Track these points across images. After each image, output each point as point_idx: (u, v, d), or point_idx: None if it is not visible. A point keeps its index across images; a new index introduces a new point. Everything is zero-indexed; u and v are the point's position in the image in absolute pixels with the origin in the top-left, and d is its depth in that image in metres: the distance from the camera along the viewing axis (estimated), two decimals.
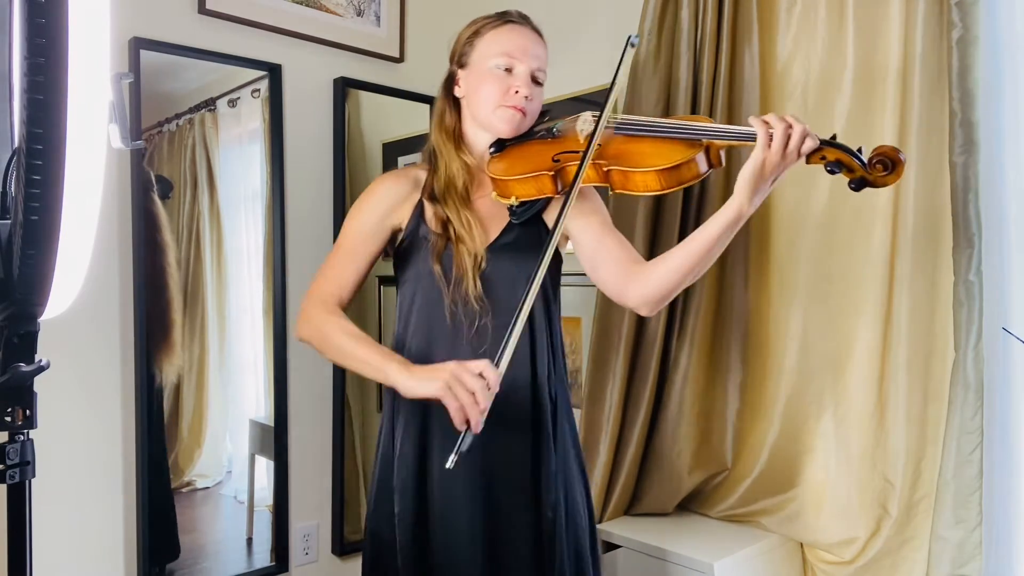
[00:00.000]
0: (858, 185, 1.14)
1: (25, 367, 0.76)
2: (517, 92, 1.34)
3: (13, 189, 0.75)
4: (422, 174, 1.41)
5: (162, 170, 1.87)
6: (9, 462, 0.78)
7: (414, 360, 1.29)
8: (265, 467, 2.07)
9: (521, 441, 1.31)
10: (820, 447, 1.73)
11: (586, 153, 1.22)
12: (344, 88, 2.17)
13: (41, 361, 0.78)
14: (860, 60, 1.65)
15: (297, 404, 2.10)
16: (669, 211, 1.86)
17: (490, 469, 1.29)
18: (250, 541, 2.04)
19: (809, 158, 1.15)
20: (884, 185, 1.14)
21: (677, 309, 1.87)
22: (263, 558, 2.05)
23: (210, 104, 1.96)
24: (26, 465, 0.79)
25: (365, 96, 2.24)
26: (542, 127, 1.39)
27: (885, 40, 1.61)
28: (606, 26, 2.10)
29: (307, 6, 2.11)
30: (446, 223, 1.32)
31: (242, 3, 1.98)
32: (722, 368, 1.88)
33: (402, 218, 1.37)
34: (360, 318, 2.24)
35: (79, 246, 0.77)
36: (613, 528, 1.82)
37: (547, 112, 1.43)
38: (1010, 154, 1.51)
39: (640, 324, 1.89)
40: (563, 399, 1.38)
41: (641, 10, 1.91)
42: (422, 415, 1.31)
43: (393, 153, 2.31)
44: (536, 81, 1.37)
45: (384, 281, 2.23)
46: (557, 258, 1.40)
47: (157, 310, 1.85)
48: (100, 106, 0.77)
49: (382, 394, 1.41)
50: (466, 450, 1.07)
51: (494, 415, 1.14)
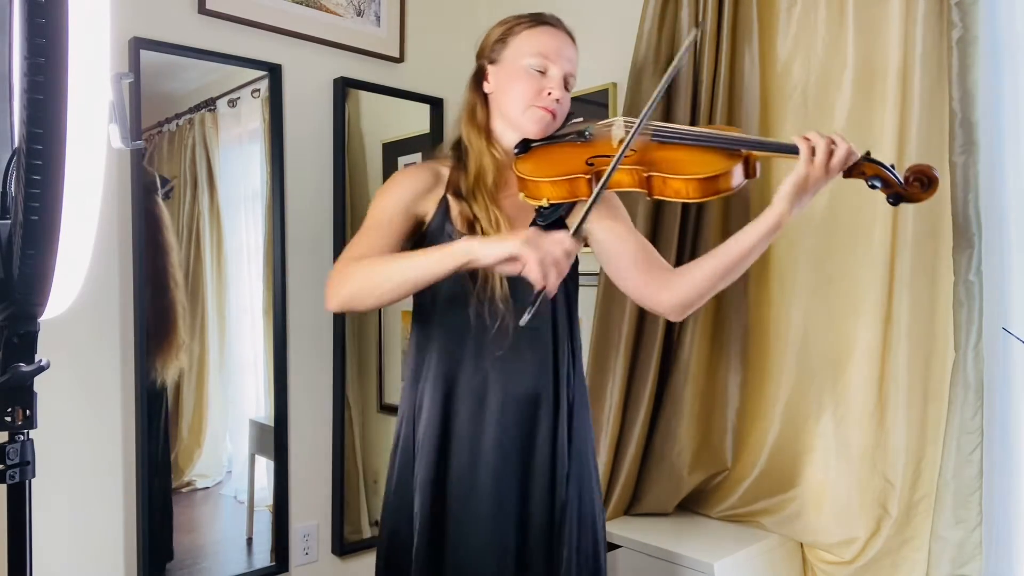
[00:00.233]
0: (896, 200, 1.20)
1: (25, 367, 0.76)
2: (550, 94, 1.33)
3: (13, 189, 0.75)
4: (444, 170, 1.38)
5: (162, 170, 1.87)
6: (9, 462, 0.78)
7: (436, 362, 1.30)
8: (265, 467, 2.07)
9: (541, 443, 1.31)
10: (820, 447, 1.73)
11: (619, 156, 1.20)
12: (344, 88, 2.17)
13: (41, 361, 0.78)
14: (860, 60, 1.65)
15: (297, 404, 2.10)
16: (669, 212, 1.86)
17: (510, 470, 1.29)
18: (250, 541, 2.04)
19: (850, 173, 1.20)
20: (920, 200, 1.20)
21: None
22: (263, 558, 2.05)
23: (210, 104, 1.96)
24: (26, 465, 0.79)
25: (365, 96, 2.24)
26: (572, 130, 1.37)
27: (885, 40, 1.61)
28: (606, 26, 2.10)
29: (307, 6, 2.11)
30: (472, 222, 1.30)
31: (242, 3, 1.98)
32: (722, 368, 1.88)
33: (427, 209, 1.34)
34: (360, 319, 2.24)
35: (79, 246, 0.77)
36: (613, 528, 1.82)
37: (572, 114, 1.42)
38: (1010, 154, 1.51)
39: (640, 324, 1.89)
40: (581, 399, 1.38)
41: (641, 10, 1.91)
42: (444, 414, 1.31)
43: (393, 153, 2.31)
44: (566, 85, 1.36)
45: None
46: (575, 258, 1.40)
47: (159, 310, 1.85)
48: (100, 106, 0.77)
49: (402, 393, 1.39)
50: (537, 308, 1.08)
51: (516, 416, 1.19)
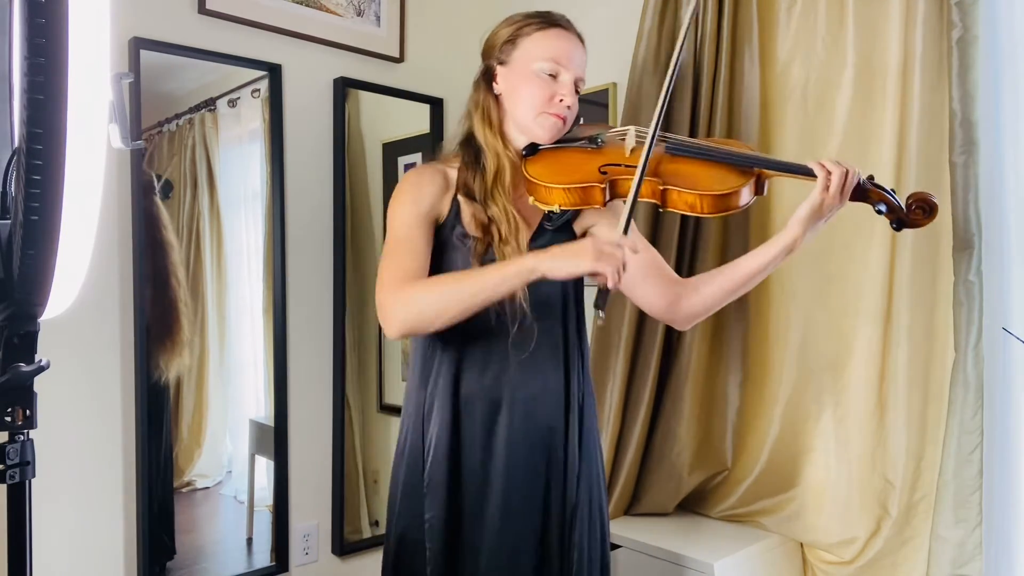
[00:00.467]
0: (899, 226, 1.24)
1: (25, 367, 0.76)
2: (562, 100, 1.30)
3: (13, 189, 0.75)
4: (451, 171, 1.36)
5: (162, 170, 1.87)
6: (9, 462, 0.78)
7: (447, 362, 1.29)
8: (265, 467, 2.07)
9: (554, 442, 1.31)
10: (820, 447, 1.73)
11: (643, 169, 1.21)
12: (344, 88, 2.17)
13: (41, 361, 0.78)
14: (860, 60, 1.65)
15: (297, 404, 2.10)
16: (669, 220, 1.86)
17: (520, 470, 1.29)
18: (250, 541, 2.04)
19: (856, 198, 1.23)
20: (922, 226, 1.24)
21: None
22: (263, 558, 2.05)
23: (210, 104, 1.96)
24: (26, 465, 0.79)
25: (365, 96, 2.24)
26: (582, 135, 1.36)
27: (885, 40, 1.61)
28: (606, 26, 2.10)
29: (307, 6, 2.11)
30: (488, 225, 1.29)
31: (242, 3, 1.98)
32: (722, 368, 1.88)
33: (442, 210, 1.32)
34: (360, 318, 2.24)
35: (79, 246, 0.77)
36: (613, 528, 1.82)
37: (579, 118, 1.41)
38: (1010, 154, 1.51)
39: (640, 324, 1.89)
40: (589, 402, 1.38)
41: (641, 10, 1.91)
42: (456, 417, 1.29)
43: (393, 153, 2.31)
44: (577, 89, 1.34)
45: None
46: None
47: (160, 311, 1.85)
48: (100, 106, 0.77)
49: (407, 394, 1.37)
50: (604, 306, 1.12)
51: (528, 416, 1.21)
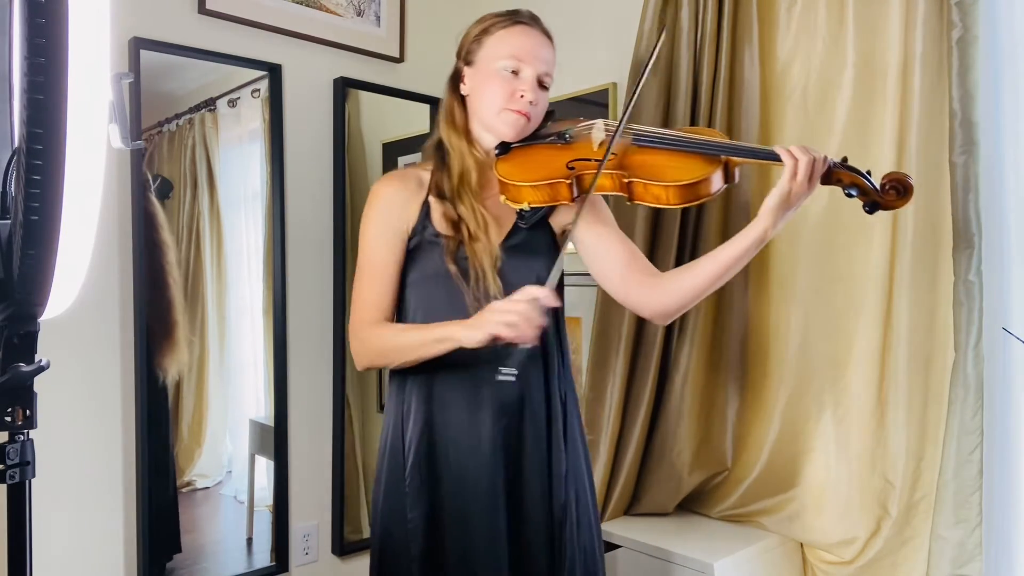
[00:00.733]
0: (872, 208, 1.20)
1: (25, 367, 0.76)
2: (522, 96, 1.31)
3: (13, 189, 0.75)
4: (425, 174, 1.38)
5: (162, 170, 1.87)
6: (9, 462, 0.78)
7: (430, 362, 1.29)
8: (265, 467, 2.07)
9: (535, 441, 1.31)
10: (820, 447, 1.73)
11: (602, 163, 1.21)
12: (344, 88, 2.17)
13: (41, 361, 0.78)
14: (860, 60, 1.65)
15: (297, 404, 2.10)
16: (669, 215, 1.86)
17: (504, 470, 1.29)
18: (250, 541, 2.04)
19: (827, 180, 1.20)
20: (895, 208, 1.20)
21: None
22: (263, 558, 2.05)
23: (210, 104, 1.96)
24: (26, 465, 0.79)
25: (365, 96, 2.24)
26: (551, 132, 1.37)
27: (885, 40, 1.61)
28: (606, 26, 2.10)
29: (307, 6, 2.11)
30: (457, 222, 1.30)
31: (242, 3, 1.98)
32: (722, 368, 1.88)
33: (411, 219, 1.34)
34: None
35: (79, 246, 0.77)
36: (613, 528, 1.82)
37: (552, 113, 1.42)
38: (1010, 154, 1.51)
39: (640, 324, 1.89)
40: (572, 399, 1.38)
41: (641, 10, 1.91)
42: (432, 416, 1.30)
43: (393, 153, 2.31)
44: (542, 85, 1.35)
45: None
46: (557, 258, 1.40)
47: (158, 310, 1.85)
48: (100, 106, 0.77)
49: (389, 394, 1.39)
50: (522, 363, 1.14)
51: (508, 415, 1.19)
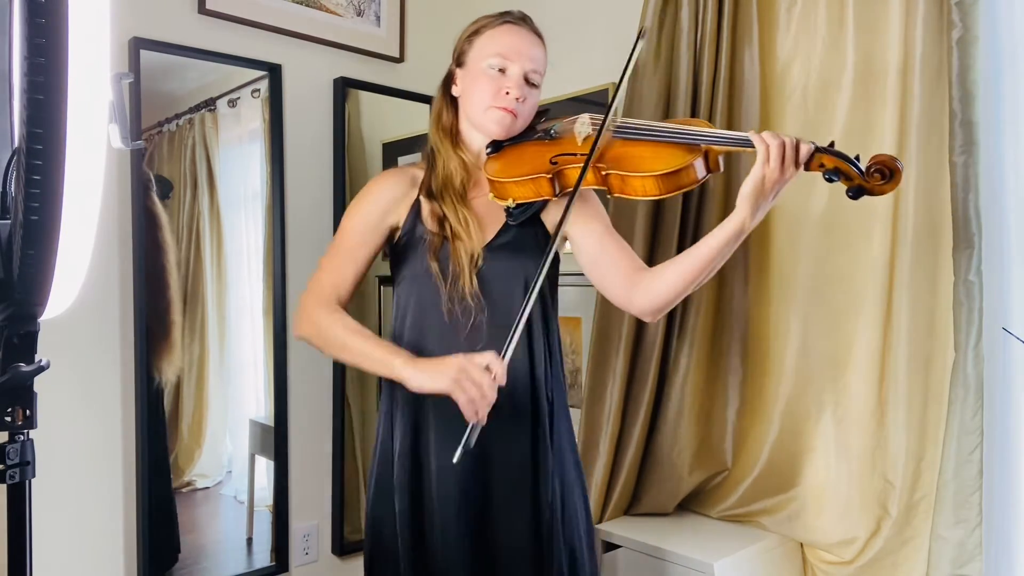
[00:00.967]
0: (856, 193, 1.14)
1: (25, 367, 0.76)
2: (508, 93, 1.32)
3: (13, 189, 0.75)
4: (420, 173, 1.40)
5: (162, 170, 1.87)
6: (9, 462, 0.78)
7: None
8: (265, 467, 2.07)
9: (519, 441, 1.31)
10: (820, 447, 1.73)
11: (589, 156, 1.21)
12: (344, 88, 2.17)
13: (41, 361, 0.78)
14: (860, 60, 1.65)
15: (297, 404, 2.11)
16: (669, 214, 1.86)
17: (489, 469, 1.29)
18: (250, 541, 2.04)
19: (808, 166, 1.16)
20: (882, 193, 1.14)
21: (677, 309, 1.87)
22: (263, 558, 2.05)
23: (210, 104, 1.96)
24: (26, 465, 0.79)
25: (365, 96, 2.24)
26: (540, 128, 1.38)
27: (885, 40, 1.61)
28: (605, 26, 2.10)
29: (307, 6, 2.11)
30: (443, 220, 1.32)
31: (242, 3, 1.98)
32: (722, 368, 1.88)
33: (399, 217, 1.36)
34: (360, 318, 2.23)
35: (79, 246, 0.77)
36: (613, 528, 1.82)
37: (546, 111, 1.42)
38: (1010, 154, 1.51)
39: (640, 324, 1.89)
40: (560, 400, 1.38)
41: (641, 10, 1.91)
42: (417, 412, 1.31)
43: (393, 153, 2.31)
44: (530, 83, 1.35)
45: (384, 281, 2.23)
46: (555, 258, 1.40)
47: (157, 310, 1.85)
48: (100, 106, 0.77)
49: (380, 392, 1.41)
50: (473, 444, 1.09)
51: (494, 415, 1.16)
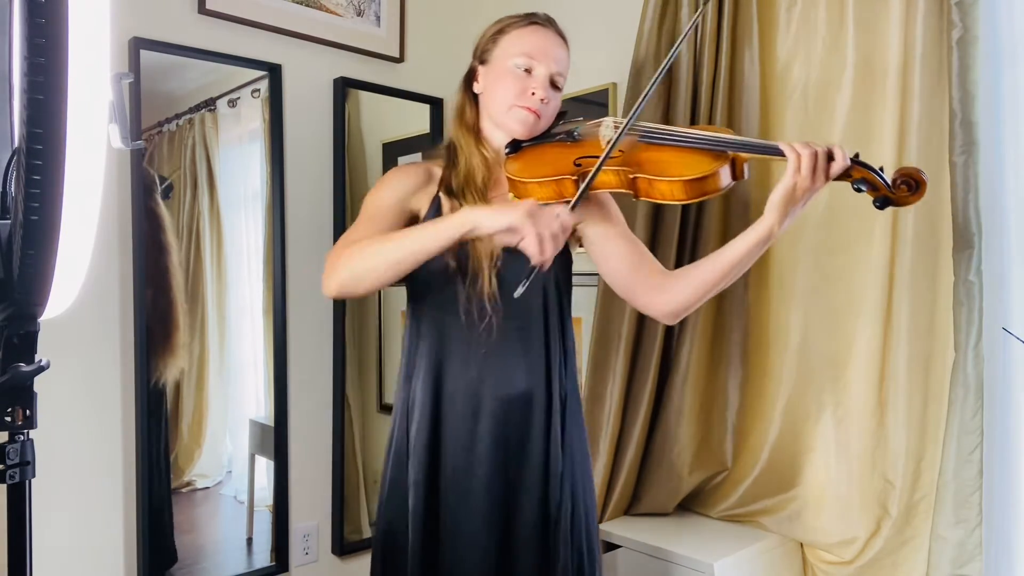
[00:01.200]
0: (882, 204, 1.17)
1: (25, 367, 0.76)
2: (534, 94, 1.32)
3: (13, 189, 0.75)
4: (437, 170, 1.39)
5: (162, 170, 1.87)
6: (9, 462, 0.78)
7: (426, 359, 1.30)
8: (265, 467, 2.07)
9: (534, 441, 1.31)
10: (820, 447, 1.73)
11: (604, 157, 1.21)
12: (344, 88, 2.17)
13: (41, 361, 0.78)
14: (860, 60, 1.65)
15: (297, 404, 2.10)
16: (669, 215, 1.86)
17: (503, 468, 1.30)
18: (250, 541, 2.04)
19: (837, 176, 1.18)
20: (908, 204, 1.18)
21: None
22: (263, 558, 2.05)
23: (210, 104, 1.96)
24: (26, 465, 0.79)
25: (365, 96, 2.24)
26: (561, 130, 1.37)
27: (885, 40, 1.61)
28: (606, 26, 2.10)
29: (307, 6, 2.11)
30: None
31: (242, 3, 1.98)
32: (722, 368, 1.88)
33: (420, 206, 1.35)
34: (360, 318, 2.24)
35: (79, 246, 0.77)
36: (613, 528, 1.82)
37: (564, 113, 1.42)
38: (1010, 154, 1.51)
39: (640, 324, 1.89)
40: (574, 400, 1.38)
41: (641, 10, 1.91)
42: (435, 410, 1.31)
43: (393, 153, 2.31)
44: (555, 85, 1.36)
45: None
46: (567, 258, 1.40)
47: (160, 311, 1.85)
48: (100, 106, 0.77)
49: (395, 390, 1.40)
50: (531, 282, 1.11)
51: (508, 414, 1.20)
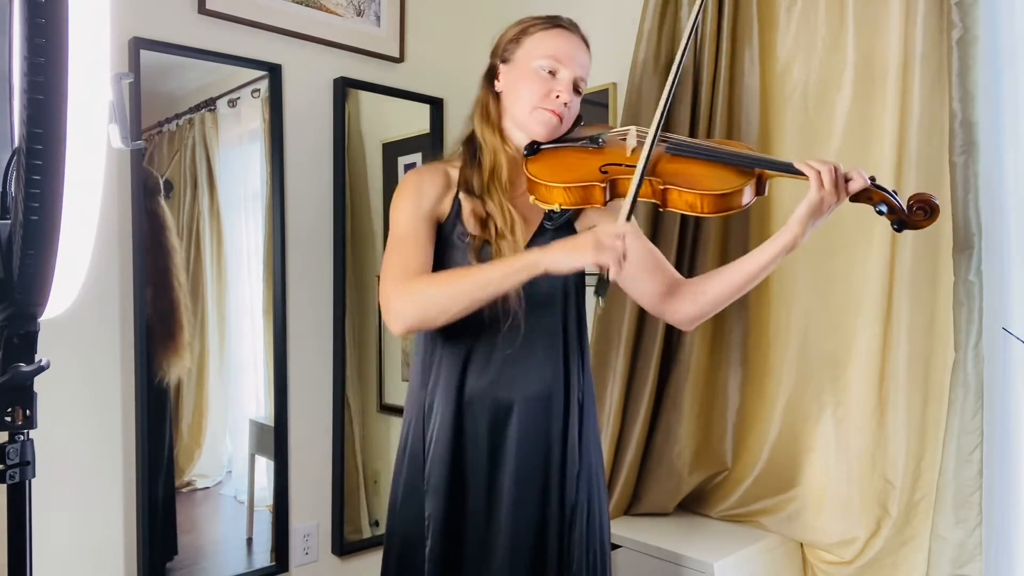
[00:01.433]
0: (900, 227, 1.22)
1: (25, 367, 0.76)
2: (558, 97, 1.32)
3: (13, 189, 0.75)
4: (453, 170, 1.37)
5: (162, 170, 1.88)
6: (9, 462, 0.78)
7: (447, 360, 1.30)
8: (265, 467, 2.07)
9: (552, 442, 1.32)
10: (820, 447, 1.73)
11: (643, 168, 1.22)
12: (344, 88, 2.17)
13: (41, 361, 0.78)
14: (860, 60, 1.65)
15: (297, 404, 2.10)
16: (669, 219, 1.86)
17: (525, 469, 1.29)
18: (250, 541, 2.04)
19: (857, 198, 1.22)
20: (923, 227, 1.22)
21: None
22: (263, 558, 2.05)
23: (210, 104, 1.96)
24: (26, 465, 0.79)
25: (365, 96, 2.24)
26: (583, 135, 1.37)
27: (885, 40, 1.61)
28: (606, 26, 2.10)
29: (307, 6, 2.11)
30: (485, 220, 1.30)
31: (242, 3, 1.98)
32: (722, 368, 1.88)
33: (444, 210, 1.33)
34: (361, 317, 2.24)
35: (79, 246, 0.77)
36: (613, 528, 1.81)
37: (581, 118, 1.42)
38: (1010, 154, 1.51)
39: (640, 324, 1.89)
40: (590, 400, 1.38)
41: (641, 10, 1.91)
42: (457, 415, 1.30)
43: (393, 153, 2.31)
44: (577, 89, 1.35)
45: None
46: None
47: (160, 311, 1.85)
48: (100, 106, 0.77)
49: (408, 391, 1.39)
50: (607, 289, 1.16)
51: (529, 415, 1.24)
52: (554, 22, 1.37)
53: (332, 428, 2.18)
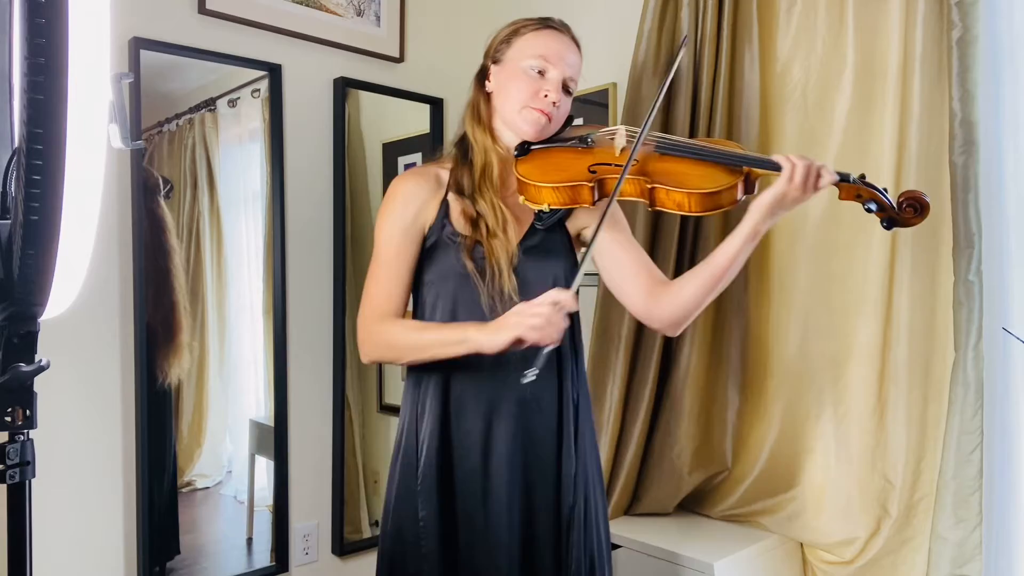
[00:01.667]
0: (889, 224, 1.23)
1: (25, 367, 0.76)
2: (546, 96, 1.32)
3: (13, 189, 0.75)
4: (444, 172, 1.39)
5: (162, 170, 1.88)
6: (9, 462, 0.78)
7: (446, 362, 1.29)
8: (265, 467, 2.07)
9: (547, 443, 1.32)
10: (820, 447, 1.73)
11: (626, 169, 1.22)
12: (344, 88, 2.17)
13: (41, 361, 0.78)
14: (860, 60, 1.65)
15: (297, 404, 2.11)
16: (668, 222, 1.86)
17: (519, 469, 1.29)
18: (250, 541, 2.04)
19: (847, 197, 1.23)
20: (913, 225, 1.22)
21: None
22: (263, 558, 2.05)
23: (210, 104, 1.96)
24: (26, 465, 0.79)
25: (365, 96, 2.24)
26: (573, 135, 1.38)
27: (885, 40, 1.61)
28: (605, 26, 2.10)
29: (307, 6, 2.11)
30: (476, 220, 1.31)
31: (242, 3, 1.98)
32: (722, 368, 1.88)
33: (429, 217, 1.35)
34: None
35: (79, 246, 0.77)
36: (613, 528, 1.81)
37: (572, 118, 1.42)
38: (1010, 154, 1.51)
39: (640, 324, 1.89)
40: (584, 402, 1.38)
41: (641, 10, 1.91)
42: (444, 415, 1.30)
43: (393, 153, 2.31)
44: (567, 89, 1.36)
45: None
46: (573, 262, 1.41)
47: (162, 312, 1.85)
48: (100, 106, 0.77)
49: (403, 393, 1.39)
50: (543, 365, 1.15)
51: (522, 415, 1.23)
52: (545, 23, 1.38)
53: (332, 428, 2.18)
